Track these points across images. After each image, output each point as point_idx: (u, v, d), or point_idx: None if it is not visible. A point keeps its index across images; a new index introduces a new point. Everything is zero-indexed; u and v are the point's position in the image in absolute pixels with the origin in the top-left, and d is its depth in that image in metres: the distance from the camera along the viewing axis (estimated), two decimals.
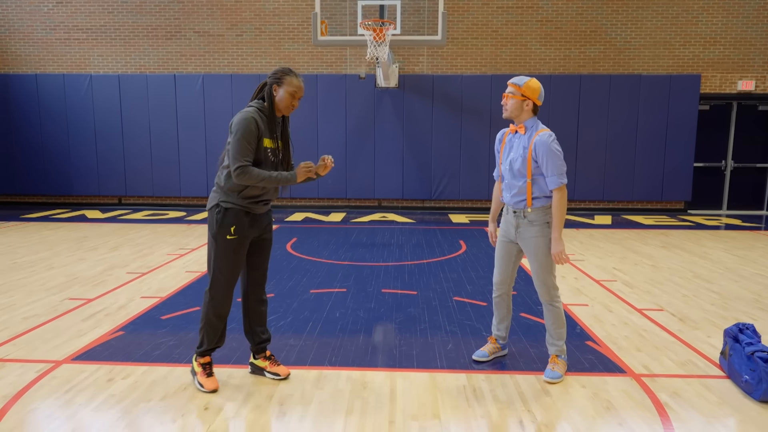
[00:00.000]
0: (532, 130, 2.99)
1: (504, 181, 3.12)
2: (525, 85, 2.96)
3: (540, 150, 2.92)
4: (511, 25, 9.92)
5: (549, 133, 2.95)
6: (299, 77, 2.82)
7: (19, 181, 10.41)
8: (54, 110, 10.20)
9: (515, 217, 3.06)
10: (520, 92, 2.96)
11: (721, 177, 10.36)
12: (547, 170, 2.93)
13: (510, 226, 3.10)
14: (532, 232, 3.00)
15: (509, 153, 3.07)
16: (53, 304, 4.36)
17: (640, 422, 2.60)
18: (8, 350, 3.41)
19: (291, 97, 2.79)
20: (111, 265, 5.70)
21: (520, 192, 3.01)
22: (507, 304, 3.28)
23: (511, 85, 2.99)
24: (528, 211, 3.00)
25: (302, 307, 4.33)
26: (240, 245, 2.81)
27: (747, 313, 4.28)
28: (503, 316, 3.29)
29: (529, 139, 2.98)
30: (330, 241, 7.08)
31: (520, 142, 3.02)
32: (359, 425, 2.56)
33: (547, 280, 3.03)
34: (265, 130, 2.78)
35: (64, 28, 10.21)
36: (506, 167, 3.07)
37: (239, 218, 2.77)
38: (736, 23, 9.79)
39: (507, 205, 3.13)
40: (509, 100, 3.00)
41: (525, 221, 3.02)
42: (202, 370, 2.90)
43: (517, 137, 3.05)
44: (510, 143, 3.10)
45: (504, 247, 3.18)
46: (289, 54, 10.09)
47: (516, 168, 3.00)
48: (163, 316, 4.07)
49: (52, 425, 2.53)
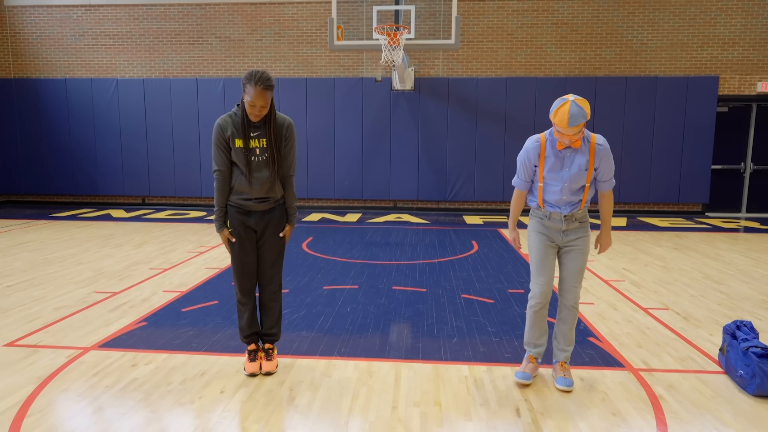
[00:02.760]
0: (588, 137, 2.85)
1: (553, 193, 2.90)
2: (587, 111, 2.71)
3: (603, 158, 2.84)
4: (526, 27, 9.99)
5: (603, 138, 2.86)
6: (259, 83, 2.76)
7: (49, 181, 10.85)
8: (82, 114, 10.61)
9: (565, 221, 2.93)
10: (584, 125, 2.76)
11: (740, 179, 10.26)
12: (606, 174, 2.88)
13: (554, 231, 2.96)
14: (581, 232, 2.96)
15: (564, 168, 2.86)
16: (82, 296, 4.62)
17: (633, 413, 2.71)
18: (41, 337, 3.66)
19: (250, 106, 2.82)
20: (135, 261, 5.96)
21: (576, 200, 2.91)
22: (546, 315, 3.06)
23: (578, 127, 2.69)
24: (578, 213, 2.94)
25: (315, 302, 4.51)
26: (237, 238, 3.04)
27: (753, 313, 4.32)
28: (545, 328, 3.06)
29: (587, 149, 2.84)
30: (345, 241, 7.26)
31: (578, 157, 2.84)
32: (363, 409, 2.72)
33: (581, 282, 2.99)
34: (235, 131, 2.92)
35: (92, 35, 10.62)
36: (564, 184, 2.86)
37: (233, 215, 3.05)
38: (756, 24, 9.70)
39: (552, 212, 2.94)
40: (577, 137, 2.77)
41: (576, 223, 2.95)
42: (247, 355, 3.16)
43: (570, 152, 2.85)
44: (559, 159, 2.87)
45: (549, 252, 2.98)
46: (307, 58, 10.33)
47: (578, 183, 2.86)
48: (184, 309, 4.30)
49: (80, 405, 2.75)
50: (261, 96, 2.79)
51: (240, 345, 3.51)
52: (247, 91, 2.81)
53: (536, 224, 3.02)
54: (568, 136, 2.74)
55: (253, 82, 2.77)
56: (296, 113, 10.19)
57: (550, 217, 2.95)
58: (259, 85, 2.77)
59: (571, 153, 2.86)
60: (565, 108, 2.68)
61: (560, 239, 2.96)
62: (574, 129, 2.69)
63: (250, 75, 2.80)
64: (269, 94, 2.82)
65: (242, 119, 2.91)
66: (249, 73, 2.81)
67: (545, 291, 2.97)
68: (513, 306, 4.44)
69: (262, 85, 2.78)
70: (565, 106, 2.68)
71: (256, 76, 2.78)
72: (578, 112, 2.66)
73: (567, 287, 2.98)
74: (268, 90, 2.81)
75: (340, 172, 10.35)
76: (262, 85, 2.78)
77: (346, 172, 10.35)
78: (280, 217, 3.10)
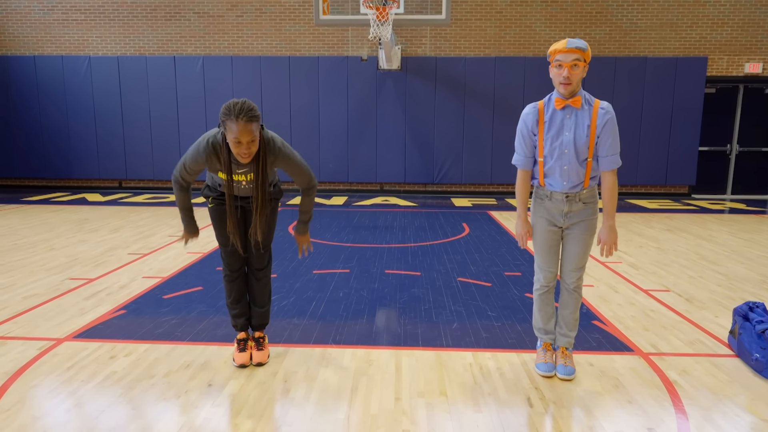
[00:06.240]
0: (590, 100, 2.59)
1: (554, 166, 2.63)
2: (588, 48, 2.51)
3: (607, 124, 2.54)
4: (515, 5, 9.76)
5: (608, 104, 2.59)
6: (241, 116, 2.35)
7: (19, 164, 10.34)
8: (53, 93, 10.10)
9: (567, 202, 2.66)
10: (584, 57, 2.51)
11: (726, 161, 10.27)
12: (608, 148, 2.57)
13: (557, 213, 2.70)
14: (587, 213, 2.68)
15: (564, 133, 2.59)
16: (54, 283, 4.32)
17: (650, 399, 2.57)
18: (9, 328, 3.38)
19: (236, 144, 2.42)
20: (112, 246, 5.65)
21: (579, 175, 2.62)
22: (553, 298, 2.88)
23: (576, 51, 2.48)
24: (583, 193, 2.66)
25: (305, 287, 4.29)
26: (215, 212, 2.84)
27: (755, 294, 4.24)
28: (552, 312, 2.88)
29: (590, 112, 2.56)
30: (332, 224, 7.03)
31: (579, 118, 2.57)
32: (365, 401, 2.53)
33: (585, 264, 2.77)
34: (220, 166, 2.59)
35: (62, 9, 10.07)
36: (564, 151, 2.60)
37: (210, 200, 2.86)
38: (744, 4, 9.62)
39: (552, 191, 2.68)
40: (577, 70, 2.50)
41: (579, 204, 2.67)
42: (236, 345, 2.94)
43: (571, 112, 2.58)
44: (560, 122, 2.60)
45: (552, 235, 2.75)
46: (290, 35, 9.95)
47: (580, 150, 2.58)
48: (165, 296, 4.04)
49: (53, 401, 2.50)
50: (246, 131, 2.38)
51: (228, 334, 3.28)
52: (228, 128, 2.40)
53: (538, 207, 2.77)
54: (566, 65, 2.49)
55: (233, 117, 2.36)
56: (279, 93, 9.84)
57: (551, 198, 2.69)
58: (241, 119, 2.36)
59: (571, 114, 2.58)
60: (564, 39, 2.56)
61: (562, 221, 2.72)
62: (572, 52, 2.48)
63: (228, 109, 2.39)
64: (255, 126, 2.41)
65: (227, 160, 2.52)
66: (226, 108, 2.39)
67: (549, 277, 2.81)
68: (511, 289, 4.29)
69: (245, 117, 2.36)
70: (563, 39, 2.56)
71: (236, 109, 2.36)
72: (576, 40, 2.52)
73: (566, 270, 2.78)
74: (253, 122, 2.40)
75: (324, 154, 10.07)
76: (245, 118, 2.36)
77: (331, 154, 10.07)
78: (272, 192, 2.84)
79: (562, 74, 2.52)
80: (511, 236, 6.33)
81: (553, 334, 2.90)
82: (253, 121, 2.41)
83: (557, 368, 2.81)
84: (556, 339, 2.90)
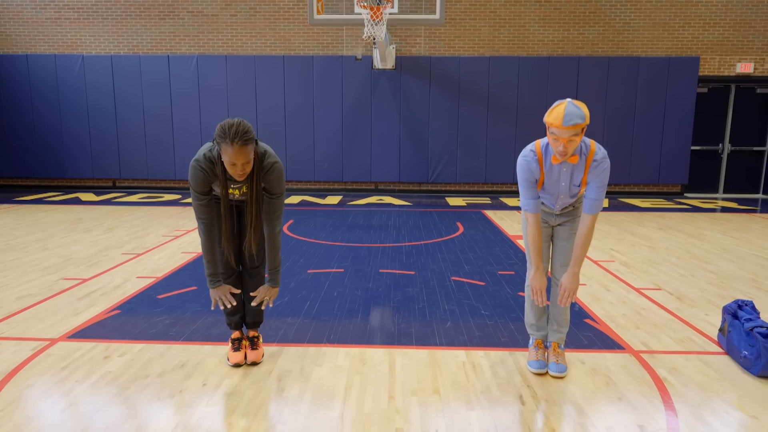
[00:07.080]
0: (585, 151, 2.59)
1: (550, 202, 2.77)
2: (586, 116, 2.44)
3: (599, 175, 2.57)
4: (509, 5, 9.79)
5: (603, 153, 2.58)
6: (236, 140, 2.36)
7: (12, 163, 10.28)
8: (46, 92, 10.05)
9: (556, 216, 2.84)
10: (581, 128, 2.44)
11: (717, 160, 10.35)
12: (594, 192, 2.59)
13: (548, 214, 2.84)
14: (577, 212, 2.79)
15: (561, 183, 2.66)
16: (48, 284, 4.32)
17: (640, 397, 2.60)
18: (2, 328, 3.38)
19: (230, 165, 2.44)
20: (106, 246, 5.65)
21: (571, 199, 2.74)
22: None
23: (574, 128, 2.40)
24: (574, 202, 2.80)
25: (300, 287, 4.30)
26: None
27: (744, 292, 4.29)
28: (544, 308, 2.92)
29: (584, 165, 2.60)
30: (327, 224, 7.04)
31: (575, 170, 2.62)
32: (358, 399, 2.55)
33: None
34: (216, 181, 2.59)
35: (55, 7, 10.02)
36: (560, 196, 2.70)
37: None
38: (736, 5, 9.70)
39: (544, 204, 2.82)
40: (573, 144, 2.46)
41: (570, 207, 2.81)
42: (230, 344, 2.94)
43: (568, 166, 2.62)
44: (556, 174, 2.65)
45: (544, 234, 2.83)
46: (285, 34, 9.94)
47: (574, 190, 2.68)
48: (160, 296, 4.04)
49: (48, 401, 2.51)
50: (241, 154, 2.39)
51: (222, 333, 3.29)
52: (224, 151, 2.40)
53: None
54: (562, 140, 2.44)
55: (228, 141, 2.36)
56: (273, 92, 9.83)
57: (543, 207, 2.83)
58: (236, 143, 2.36)
59: (567, 168, 2.61)
60: (561, 107, 2.44)
61: (553, 220, 2.86)
62: (569, 129, 2.40)
63: (223, 132, 2.38)
64: (250, 147, 2.42)
65: (222, 177, 2.55)
66: (222, 130, 2.39)
67: None
68: (504, 288, 4.32)
69: (240, 141, 2.37)
70: (561, 105, 2.45)
71: (231, 133, 2.36)
72: (574, 111, 2.40)
73: (556, 267, 2.84)
74: (248, 144, 2.40)
75: (319, 154, 10.07)
76: (240, 142, 2.37)
77: (326, 154, 10.07)
78: None
79: (558, 148, 2.50)
80: (504, 235, 6.36)
81: (544, 330, 2.94)
82: (248, 144, 2.41)
83: (549, 366, 2.84)
84: (548, 335, 2.94)
